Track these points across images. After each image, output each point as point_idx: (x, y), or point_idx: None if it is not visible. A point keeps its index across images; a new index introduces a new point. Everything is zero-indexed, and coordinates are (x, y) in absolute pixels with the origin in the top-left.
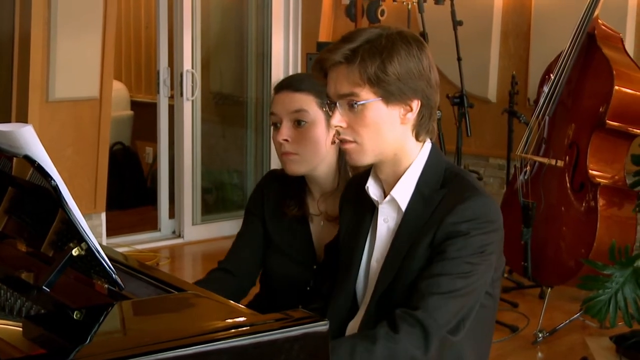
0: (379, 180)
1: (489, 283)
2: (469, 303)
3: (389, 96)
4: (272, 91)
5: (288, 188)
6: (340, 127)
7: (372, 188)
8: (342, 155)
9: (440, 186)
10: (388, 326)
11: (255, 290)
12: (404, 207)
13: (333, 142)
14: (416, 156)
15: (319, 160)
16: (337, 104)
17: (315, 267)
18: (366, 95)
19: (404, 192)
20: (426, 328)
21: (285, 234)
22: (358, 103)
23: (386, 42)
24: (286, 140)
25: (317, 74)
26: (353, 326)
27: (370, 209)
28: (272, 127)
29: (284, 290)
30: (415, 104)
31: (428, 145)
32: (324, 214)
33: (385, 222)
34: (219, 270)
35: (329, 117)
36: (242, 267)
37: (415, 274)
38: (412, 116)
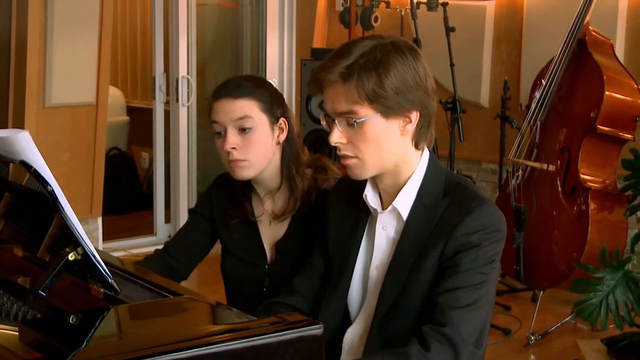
0: (377, 189)
1: None
2: (485, 313)
3: (388, 111)
4: (211, 98)
5: (233, 192)
6: (341, 143)
7: (371, 196)
8: (285, 155)
9: (443, 196)
10: (419, 344)
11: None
12: (405, 216)
13: (278, 143)
14: (416, 165)
15: (267, 162)
16: (336, 121)
17: (267, 266)
18: (365, 112)
19: (405, 201)
20: (455, 344)
21: (236, 237)
22: (357, 121)
23: (381, 56)
24: (234, 148)
25: (313, 89)
26: (352, 333)
27: (364, 215)
28: (215, 136)
29: (241, 293)
30: (414, 115)
31: (426, 153)
32: (271, 213)
33: (384, 230)
34: (156, 257)
35: (272, 119)
36: (177, 260)
37: (424, 285)
38: (411, 127)
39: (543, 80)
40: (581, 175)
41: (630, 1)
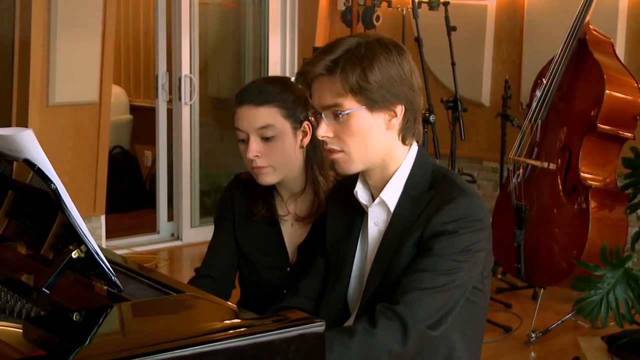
0: (367, 185)
1: (479, 280)
2: (453, 299)
3: (373, 104)
4: (234, 102)
5: (255, 191)
6: (327, 137)
7: (361, 192)
8: (309, 157)
9: (429, 188)
10: (367, 321)
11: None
12: (392, 208)
13: (301, 147)
14: (404, 160)
15: (290, 167)
16: (323, 115)
17: (288, 269)
18: (350, 105)
19: (392, 194)
20: (405, 322)
21: (256, 240)
22: (342, 113)
23: (365, 51)
24: (257, 156)
25: (301, 85)
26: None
27: (359, 213)
28: (239, 142)
29: (261, 296)
30: (400, 109)
31: (415, 148)
32: (294, 215)
33: (376, 226)
34: (199, 277)
35: (295, 124)
36: (221, 271)
37: (400, 271)
38: (397, 121)
39: (544, 79)
40: (582, 174)
41: (630, 0)
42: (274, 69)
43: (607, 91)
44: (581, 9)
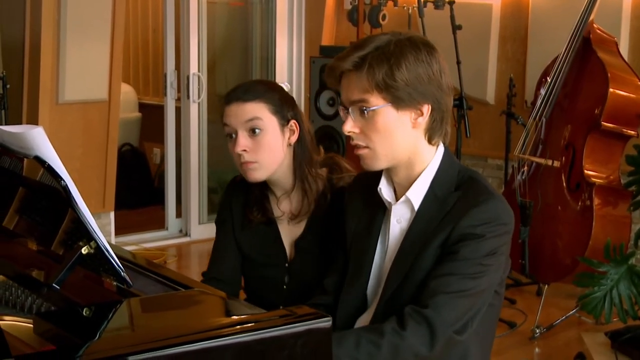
0: (391, 182)
1: (498, 282)
2: (478, 303)
3: (399, 101)
4: (222, 102)
5: (250, 195)
6: (353, 132)
7: (385, 189)
8: (297, 156)
9: (455, 188)
10: (396, 322)
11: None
12: (416, 206)
13: (289, 145)
14: (430, 160)
15: (278, 163)
16: (349, 110)
17: (287, 265)
18: (375, 101)
19: (418, 193)
20: (433, 326)
21: (255, 240)
22: (368, 109)
23: (395, 48)
24: (244, 150)
25: (330, 81)
26: (364, 321)
27: (381, 209)
28: (227, 139)
29: (261, 294)
30: (426, 109)
31: (441, 148)
32: (289, 213)
33: (399, 223)
34: (206, 281)
35: (282, 121)
36: (228, 274)
37: (424, 273)
38: (423, 120)
39: (548, 78)
40: (585, 171)
41: (634, 0)
42: (281, 67)
43: (611, 89)
44: (585, 8)
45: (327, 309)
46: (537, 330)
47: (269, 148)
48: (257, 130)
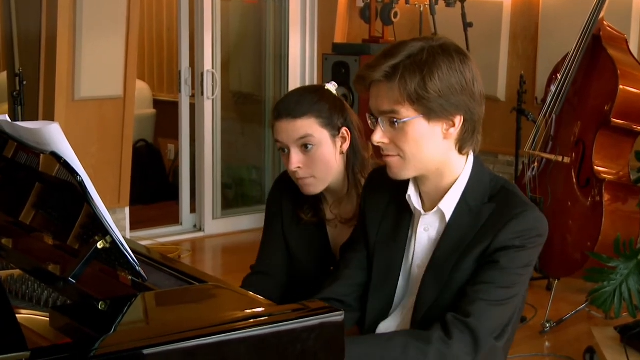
0: (418, 190)
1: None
2: (513, 310)
3: (430, 113)
4: (272, 116)
5: (302, 194)
6: (382, 143)
7: (414, 197)
8: (349, 161)
9: (488, 199)
10: (441, 330)
11: None
12: (448, 217)
13: (341, 153)
14: (461, 170)
15: (333, 175)
16: (379, 120)
17: (332, 268)
18: (406, 113)
19: (449, 203)
20: (476, 335)
21: (302, 239)
22: (399, 121)
23: (427, 57)
24: (299, 167)
25: (359, 88)
26: (387, 327)
27: (407, 215)
28: (280, 151)
29: (304, 296)
30: (458, 120)
31: (472, 158)
32: (338, 217)
33: (426, 231)
34: (253, 274)
35: (333, 132)
36: (274, 267)
37: (462, 284)
38: (455, 131)
39: (558, 75)
40: (595, 167)
41: None
42: (294, 65)
43: (621, 86)
44: (595, 5)
45: (343, 305)
46: (547, 325)
47: (322, 162)
48: (309, 146)
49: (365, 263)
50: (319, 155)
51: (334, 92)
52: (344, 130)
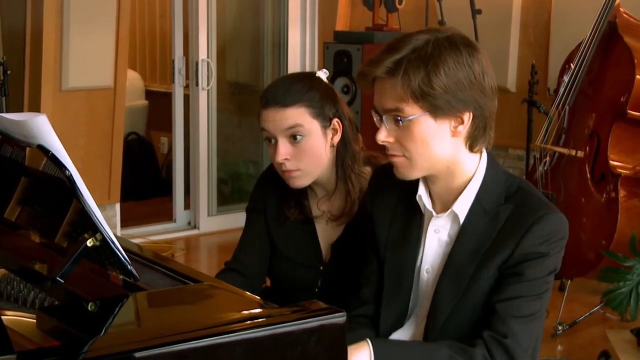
0: (428, 190)
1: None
2: (543, 319)
3: (437, 110)
4: (259, 103)
5: (287, 189)
6: (388, 142)
7: (425, 198)
8: (340, 155)
9: (505, 200)
10: (485, 348)
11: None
12: (462, 219)
13: (332, 146)
14: (474, 169)
15: (321, 168)
16: (383, 119)
17: (321, 267)
18: (411, 111)
19: (463, 205)
20: (514, 356)
21: (289, 237)
22: (404, 119)
23: (432, 50)
24: (286, 159)
25: (363, 85)
26: (402, 335)
27: (417, 216)
28: (265, 141)
29: (292, 294)
30: (467, 116)
31: (485, 156)
32: (328, 213)
33: (437, 233)
34: (227, 270)
35: (324, 123)
36: (250, 267)
37: (484, 293)
38: (464, 128)
39: (572, 64)
40: (611, 162)
41: None
42: (294, 53)
43: (638, 76)
44: None
45: (371, 320)
46: (560, 327)
47: (311, 154)
48: (298, 137)
49: (378, 272)
50: (308, 147)
51: (325, 80)
52: (335, 121)
